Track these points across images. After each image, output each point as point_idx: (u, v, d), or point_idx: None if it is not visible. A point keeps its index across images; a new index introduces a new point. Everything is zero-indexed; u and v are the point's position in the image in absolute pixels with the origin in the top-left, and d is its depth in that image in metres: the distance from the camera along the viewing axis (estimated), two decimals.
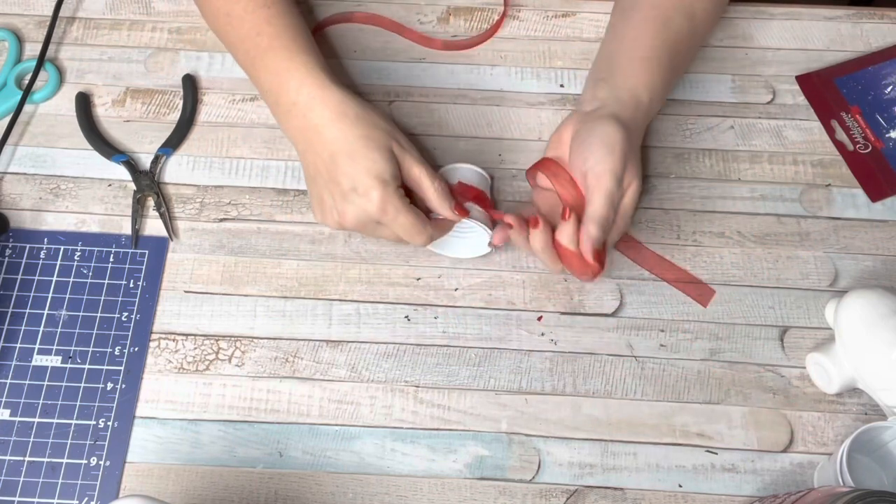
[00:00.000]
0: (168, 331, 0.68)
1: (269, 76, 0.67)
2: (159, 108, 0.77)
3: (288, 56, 0.66)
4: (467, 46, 0.79)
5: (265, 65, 0.67)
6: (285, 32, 0.68)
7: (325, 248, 0.71)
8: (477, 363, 0.68)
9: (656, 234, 0.72)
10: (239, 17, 0.69)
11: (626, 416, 0.66)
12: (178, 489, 0.63)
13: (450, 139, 0.76)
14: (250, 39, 0.68)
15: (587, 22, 0.81)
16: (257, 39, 0.68)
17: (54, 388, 0.66)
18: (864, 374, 0.63)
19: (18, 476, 0.63)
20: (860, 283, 0.70)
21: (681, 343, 0.68)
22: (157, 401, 0.66)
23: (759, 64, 0.80)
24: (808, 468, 0.64)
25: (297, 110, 0.66)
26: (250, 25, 0.68)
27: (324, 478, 0.64)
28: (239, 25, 0.69)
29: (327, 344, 0.68)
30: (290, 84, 0.66)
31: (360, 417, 0.66)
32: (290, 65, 0.66)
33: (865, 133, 0.76)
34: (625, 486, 0.64)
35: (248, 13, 0.68)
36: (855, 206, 0.74)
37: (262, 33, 0.67)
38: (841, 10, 0.82)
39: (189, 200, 0.73)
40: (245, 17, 0.68)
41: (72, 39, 0.80)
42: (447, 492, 0.64)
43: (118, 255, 0.71)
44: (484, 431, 0.65)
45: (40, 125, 0.76)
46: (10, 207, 0.72)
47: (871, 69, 0.79)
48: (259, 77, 0.68)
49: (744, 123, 0.77)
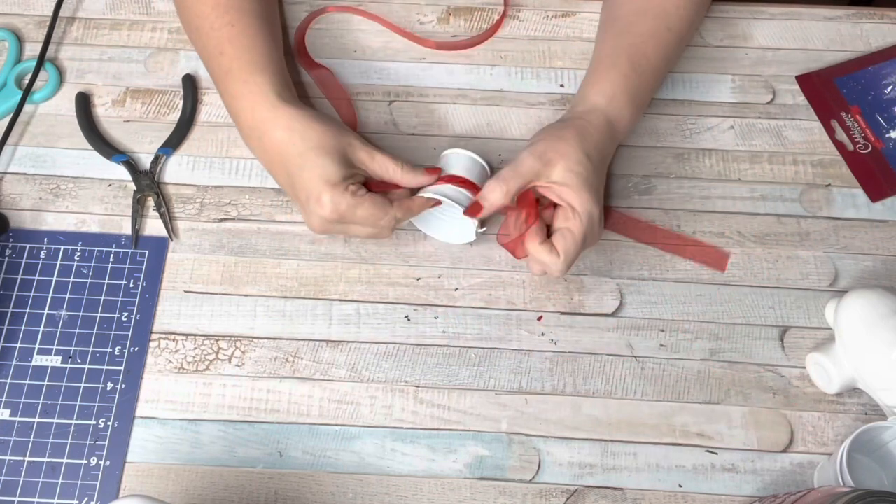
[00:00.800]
0: (168, 331, 0.68)
1: (229, 99, 0.69)
2: (159, 108, 0.77)
3: (243, 78, 0.68)
4: (462, 47, 0.79)
5: (225, 88, 0.69)
6: (244, 53, 0.68)
7: (325, 248, 0.71)
8: (477, 363, 0.68)
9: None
10: (206, 34, 0.70)
11: (626, 416, 0.66)
12: (178, 489, 0.63)
13: (450, 139, 0.76)
14: (214, 59, 0.70)
15: (587, 22, 0.81)
16: (220, 59, 0.69)
17: (54, 388, 0.66)
18: (864, 374, 0.63)
19: (18, 476, 0.63)
20: (860, 283, 0.70)
21: (681, 343, 0.68)
22: (157, 401, 0.66)
23: (759, 64, 0.80)
24: (808, 468, 0.64)
25: (253, 133, 0.67)
26: (214, 44, 0.69)
27: (324, 478, 0.64)
28: (206, 42, 0.70)
29: (327, 344, 0.68)
30: (245, 106, 0.67)
31: (360, 417, 0.66)
32: (245, 88, 0.67)
33: (865, 133, 0.76)
34: (625, 486, 0.64)
35: (213, 30, 0.69)
36: (855, 206, 0.74)
37: (224, 53, 0.69)
38: (841, 10, 0.82)
39: (189, 200, 0.73)
40: (211, 35, 0.69)
41: (72, 39, 0.80)
42: (447, 492, 0.64)
43: (118, 255, 0.71)
44: (484, 431, 0.65)
45: (40, 125, 0.76)
46: (10, 207, 0.72)
47: (871, 69, 0.79)
48: (223, 98, 0.70)
49: (744, 123, 0.77)
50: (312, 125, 0.66)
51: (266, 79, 0.67)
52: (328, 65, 0.78)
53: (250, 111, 0.67)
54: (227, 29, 0.69)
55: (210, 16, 0.70)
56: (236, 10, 0.70)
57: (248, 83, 0.67)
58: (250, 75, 0.67)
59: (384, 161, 0.66)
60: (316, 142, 0.65)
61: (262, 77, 0.67)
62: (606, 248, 0.71)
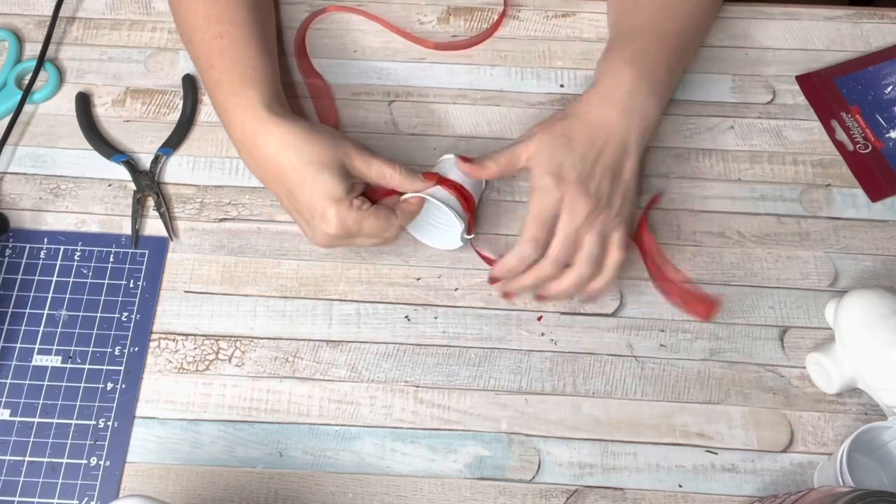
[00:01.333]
0: (168, 331, 0.68)
1: (220, 111, 0.68)
2: (159, 108, 0.77)
3: (233, 91, 0.67)
4: (461, 47, 0.79)
5: (216, 100, 0.68)
6: (234, 66, 0.68)
7: (324, 249, 0.71)
8: (477, 363, 0.68)
9: (656, 234, 0.72)
10: (197, 45, 0.70)
11: (626, 416, 0.66)
12: (178, 489, 0.63)
13: (450, 139, 0.76)
14: (206, 71, 0.69)
15: (587, 22, 0.81)
16: (210, 72, 0.69)
17: (54, 388, 0.66)
18: (864, 374, 0.63)
19: (18, 476, 0.63)
20: (860, 283, 0.70)
21: (681, 343, 0.68)
22: (157, 401, 0.66)
23: (759, 64, 0.80)
24: (808, 468, 0.64)
25: (244, 146, 0.67)
26: (205, 55, 0.69)
27: (324, 478, 0.64)
28: (198, 52, 0.70)
29: (327, 344, 0.68)
30: (236, 120, 0.67)
31: (360, 417, 0.66)
32: (235, 100, 0.66)
33: (865, 133, 0.76)
34: (625, 486, 0.64)
35: (204, 42, 0.69)
36: (855, 206, 0.74)
37: (213, 66, 0.68)
38: (841, 10, 0.82)
39: (189, 200, 0.73)
40: (202, 46, 0.69)
41: (72, 39, 0.80)
42: (447, 492, 0.64)
43: (118, 255, 0.71)
44: (484, 431, 0.65)
45: (40, 125, 0.76)
46: (10, 207, 0.72)
47: (871, 69, 0.79)
48: (216, 110, 0.70)
49: (744, 123, 0.77)
50: (307, 139, 0.64)
51: (256, 91, 0.66)
52: (328, 65, 0.78)
53: (240, 125, 0.66)
54: (216, 41, 0.68)
55: (201, 27, 0.69)
56: (227, 21, 0.69)
57: (237, 96, 0.66)
58: (241, 87, 0.67)
59: (381, 168, 0.65)
60: (313, 156, 0.64)
61: (253, 90, 0.66)
62: None
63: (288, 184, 0.65)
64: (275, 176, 0.65)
